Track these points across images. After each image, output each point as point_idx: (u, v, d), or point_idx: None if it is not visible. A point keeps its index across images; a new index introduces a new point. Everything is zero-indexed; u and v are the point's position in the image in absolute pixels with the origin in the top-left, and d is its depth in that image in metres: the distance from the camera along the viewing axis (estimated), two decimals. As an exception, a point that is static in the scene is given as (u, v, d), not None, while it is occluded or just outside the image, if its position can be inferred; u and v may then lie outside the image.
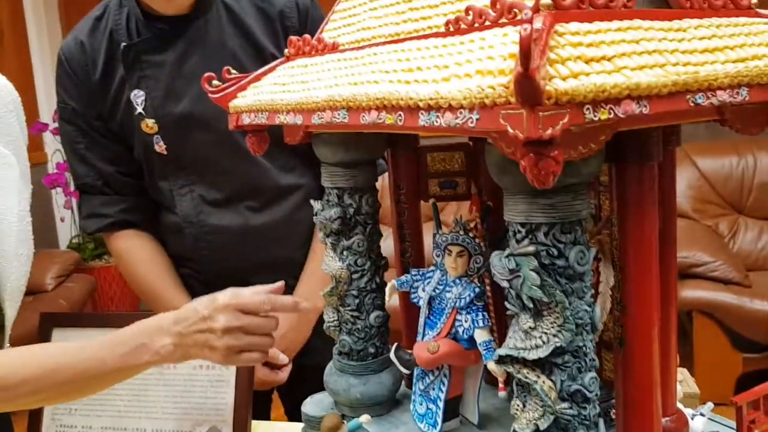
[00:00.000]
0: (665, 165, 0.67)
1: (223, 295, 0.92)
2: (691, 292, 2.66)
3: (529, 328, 0.57)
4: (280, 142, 0.85)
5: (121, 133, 1.31)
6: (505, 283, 0.58)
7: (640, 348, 0.65)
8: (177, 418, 1.09)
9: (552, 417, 0.58)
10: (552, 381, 0.58)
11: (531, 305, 0.57)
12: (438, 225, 0.80)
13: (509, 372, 0.60)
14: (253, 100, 0.83)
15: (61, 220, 4.04)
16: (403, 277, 0.81)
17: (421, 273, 0.80)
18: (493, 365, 0.68)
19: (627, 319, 0.65)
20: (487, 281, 0.77)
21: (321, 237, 0.86)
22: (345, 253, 0.83)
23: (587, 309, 0.58)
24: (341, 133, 0.80)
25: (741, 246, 3.09)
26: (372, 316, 0.84)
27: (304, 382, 1.34)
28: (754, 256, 3.06)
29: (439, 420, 0.77)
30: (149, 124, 1.27)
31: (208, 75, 0.89)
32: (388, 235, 0.87)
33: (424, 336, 0.77)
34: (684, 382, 1.24)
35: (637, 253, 0.63)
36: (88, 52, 1.29)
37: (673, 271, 0.74)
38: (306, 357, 1.35)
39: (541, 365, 0.58)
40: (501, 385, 0.73)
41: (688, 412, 0.79)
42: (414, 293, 0.80)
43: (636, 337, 0.65)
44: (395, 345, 0.82)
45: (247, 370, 1.08)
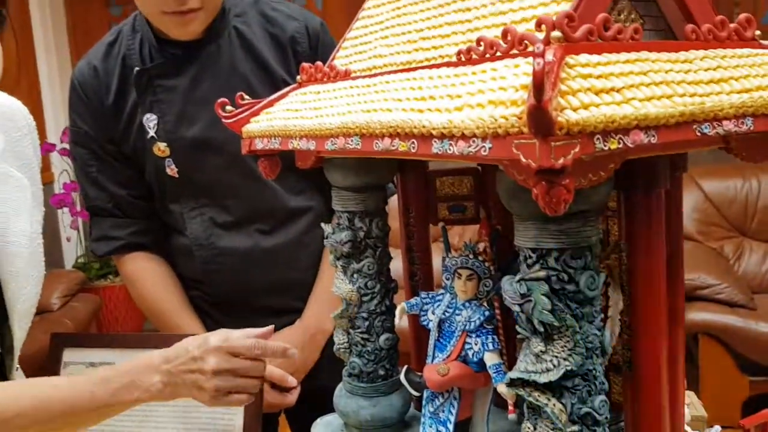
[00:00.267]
0: (672, 191, 0.69)
1: (215, 337, 0.94)
2: (697, 315, 2.66)
3: (540, 351, 0.58)
4: (290, 165, 0.87)
5: (133, 156, 1.33)
6: (516, 308, 0.59)
7: (649, 371, 0.66)
8: (186, 439, 1.10)
9: (562, 440, 0.59)
10: (562, 404, 0.59)
11: (542, 329, 0.58)
12: (447, 248, 0.81)
13: (520, 395, 0.61)
14: (266, 126, 0.85)
15: (67, 240, 4.06)
16: (412, 300, 0.82)
17: (430, 296, 0.81)
18: (504, 388, 0.69)
19: (636, 342, 0.66)
20: (496, 304, 0.78)
21: (331, 260, 0.87)
22: (355, 275, 0.85)
23: (597, 333, 0.59)
24: (352, 158, 0.81)
25: (746, 268, 3.10)
26: (382, 338, 0.85)
27: (312, 404, 1.33)
28: (759, 278, 3.07)
29: (448, 442, 0.78)
30: (161, 148, 1.28)
31: (221, 101, 0.91)
32: (396, 257, 0.89)
33: (433, 358, 0.78)
34: (691, 405, 1.24)
35: (645, 278, 0.64)
36: (101, 77, 1.31)
37: (680, 295, 0.75)
38: (314, 379, 1.36)
39: (552, 388, 0.59)
40: (510, 407, 0.74)
41: (696, 435, 0.80)
42: (423, 316, 0.81)
43: (644, 360, 0.66)
44: (405, 367, 0.83)
45: (257, 392, 1.09)
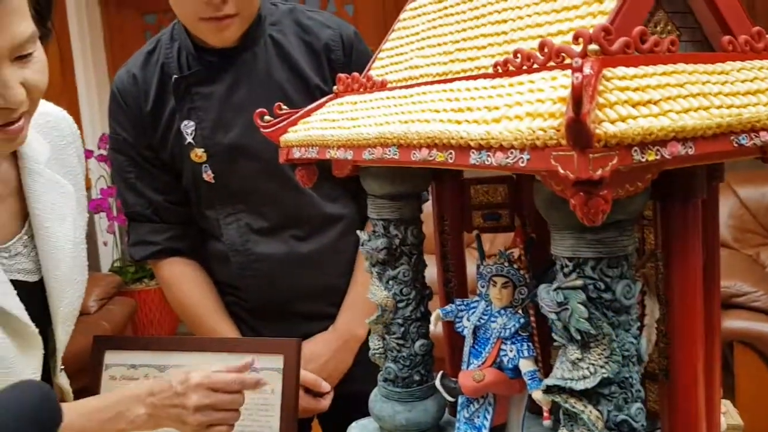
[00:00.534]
0: (709, 200, 0.69)
1: (197, 374, 1.01)
2: (732, 323, 2.62)
3: (577, 359, 0.59)
4: (326, 172, 0.89)
5: (171, 162, 1.36)
6: (553, 316, 0.59)
7: (685, 379, 0.66)
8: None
9: (599, 447, 0.60)
10: (599, 411, 0.59)
11: (578, 337, 0.58)
12: (482, 256, 0.82)
13: (556, 401, 0.61)
14: (304, 135, 0.86)
15: (104, 244, 4.14)
16: (447, 307, 0.84)
17: (465, 303, 0.82)
18: (539, 394, 0.69)
19: (672, 350, 0.66)
20: (531, 312, 0.78)
21: (367, 266, 0.88)
22: (391, 282, 0.86)
23: (633, 341, 0.60)
24: (388, 167, 0.82)
25: (782, 276, 3.05)
26: (417, 344, 0.86)
27: (345, 409, 1.35)
28: (795, 286, 3.01)
29: (483, 448, 0.79)
30: (198, 154, 1.31)
31: (260, 111, 0.93)
32: (431, 264, 0.90)
33: (469, 365, 0.79)
34: (727, 414, 1.23)
35: (682, 287, 0.64)
36: (140, 85, 1.34)
37: (716, 304, 0.75)
38: (347, 385, 1.37)
39: (588, 395, 0.59)
40: (546, 414, 0.74)
41: (733, 444, 0.80)
42: (459, 322, 0.82)
43: (681, 369, 0.66)
44: (440, 373, 0.84)
45: (293, 395, 1.11)
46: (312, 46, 1.34)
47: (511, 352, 0.75)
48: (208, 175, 1.32)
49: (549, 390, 0.61)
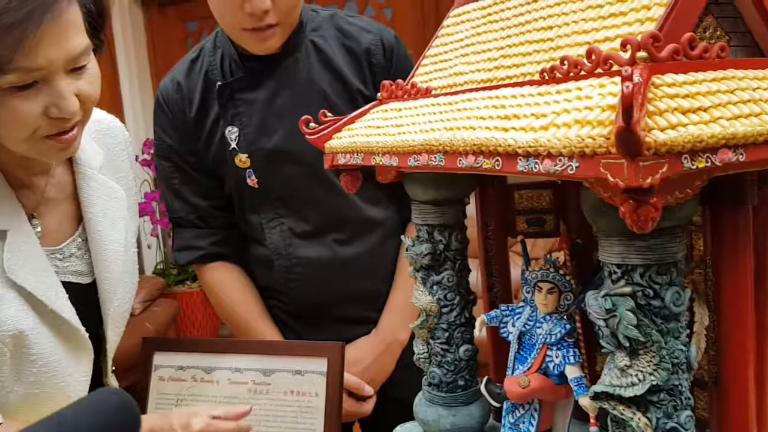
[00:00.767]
0: (760, 206, 0.68)
1: (198, 420, 1.03)
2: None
3: (625, 366, 0.59)
4: (367, 176, 0.90)
5: (214, 168, 1.38)
6: (601, 323, 0.59)
7: (735, 387, 0.66)
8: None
9: (648, 454, 0.60)
10: (648, 418, 0.59)
11: (627, 344, 0.58)
12: (527, 262, 0.82)
13: (604, 408, 0.61)
14: (349, 142, 0.87)
15: (147, 247, 4.22)
16: (492, 312, 0.84)
17: (510, 308, 0.82)
18: (586, 401, 0.69)
19: (722, 358, 0.65)
20: (577, 317, 0.78)
21: (411, 271, 0.89)
22: (435, 287, 0.86)
23: (683, 348, 0.60)
24: (432, 173, 0.83)
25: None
26: (461, 349, 0.86)
27: (386, 414, 1.36)
28: None
29: (528, 453, 0.79)
30: (242, 159, 1.33)
31: (305, 117, 0.94)
32: (473, 268, 0.90)
33: (514, 370, 0.79)
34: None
35: (732, 295, 0.64)
36: (184, 92, 1.37)
37: (767, 310, 0.74)
38: (389, 389, 1.38)
39: (637, 402, 0.59)
40: (592, 420, 0.74)
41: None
42: (503, 328, 0.82)
43: (731, 376, 0.65)
44: (485, 378, 0.84)
45: (337, 398, 1.12)
46: (353, 51, 1.35)
47: (557, 358, 0.75)
48: (252, 181, 1.34)
49: (597, 397, 0.61)
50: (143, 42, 4.40)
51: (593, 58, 0.57)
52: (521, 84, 0.67)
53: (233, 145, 1.33)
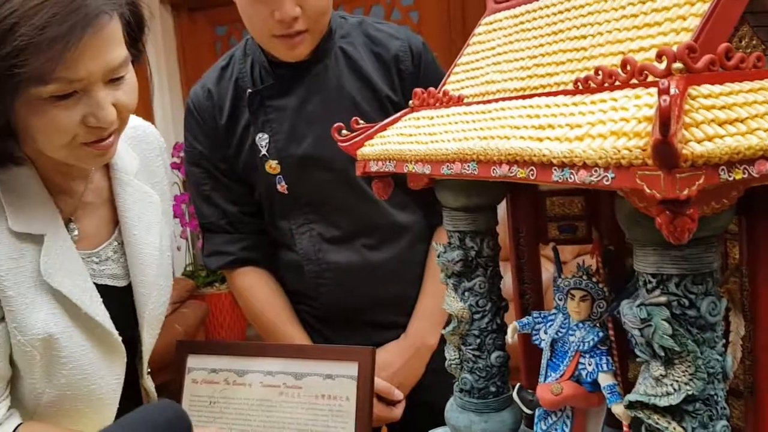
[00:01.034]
0: (796, 215, 0.68)
1: None
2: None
3: (660, 375, 0.59)
4: (396, 181, 0.90)
5: (244, 174, 1.40)
6: (636, 332, 0.60)
7: (771, 397, 0.65)
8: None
9: (683, 463, 0.60)
10: (683, 428, 0.59)
11: (662, 353, 0.58)
12: (559, 269, 0.82)
13: (638, 417, 0.61)
14: (381, 149, 0.88)
15: (177, 249, 4.27)
16: (524, 319, 0.84)
17: (542, 315, 0.83)
18: (619, 409, 0.70)
19: (758, 368, 0.65)
20: (610, 325, 0.78)
21: (442, 278, 0.90)
22: (466, 294, 0.87)
23: (718, 358, 0.60)
24: (464, 180, 0.84)
25: None
26: (493, 355, 0.87)
27: (415, 419, 1.37)
28: None
29: (561, 460, 0.79)
30: (272, 165, 1.35)
31: (337, 125, 0.95)
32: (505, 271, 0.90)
33: (546, 378, 0.79)
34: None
35: (767, 303, 0.63)
36: (215, 99, 1.38)
37: (803, 320, 0.73)
38: (419, 393, 1.39)
39: (672, 412, 0.59)
40: (625, 428, 0.74)
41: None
42: (536, 335, 0.82)
43: (767, 386, 0.65)
44: (518, 385, 0.84)
45: (368, 403, 1.13)
46: (381, 57, 1.36)
47: (589, 365, 0.75)
48: (282, 187, 1.35)
49: (632, 406, 0.61)
50: (173, 46, 4.46)
51: (628, 68, 0.58)
52: (555, 93, 0.67)
53: (263, 151, 1.35)
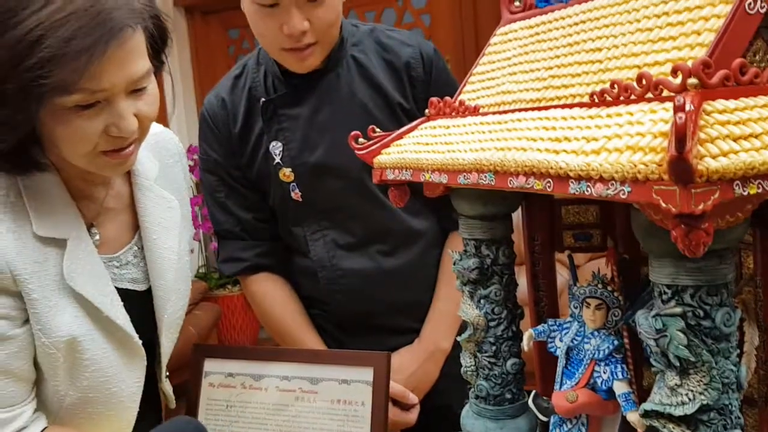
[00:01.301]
0: (810, 226, 0.68)
1: None
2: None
3: (675, 385, 0.60)
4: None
5: (258, 182, 1.41)
6: (651, 342, 0.61)
7: (785, 406, 0.66)
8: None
9: (698, 472, 0.60)
10: (698, 437, 0.60)
11: (677, 363, 0.59)
12: (575, 278, 0.83)
13: (653, 426, 0.62)
14: (398, 158, 0.89)
15: (190, 251, 4.28)
16: (540, 327, 0.85)
17: (558, 323, 0.84)
18: (634, 417, 0.70)
19: (772, 377, 0.66)
20: (625, 333, 0.79)
21: (458, 285, 0.91)
22: (482, 301, 0.88)
23: (733, 368, 0.60)
24: (480, 189, 0.85)
25: None
26: (509, 363, 0.88)
27: (431, 422, 1.38)
28: None
29: (576, 467, 0.80)
30: (286, 173, 1.36)
31: (354, 133, 0.96)
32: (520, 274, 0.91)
33: (561, 385, 0.80)
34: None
35: (782, 314, 0.64)
36: (228, 108, 1.39)
37: (817, 329, 0.74)
38: (433, 398, 1.40)
39: (687, 421, 0.60)
40: (640, 436, 0.75)
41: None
42: (551, 343, 0.83)
43: (781, 395, 0.66)
44: (533, 392, 0.85)
45: (383, 408, 1.14)
46: (393, 65, 1.37)
47: (605, 373, 0.76)
48: (296, 194, 1.37)
49: (647, 415, 0.62)
50: (187, 49, 4.49)
51: (644, 83, 0.59)
52: (571, 106, 0.68)
53: (277, 159, 1.36)
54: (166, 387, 1.18)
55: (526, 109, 0.75)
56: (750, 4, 0.59)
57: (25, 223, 0.95)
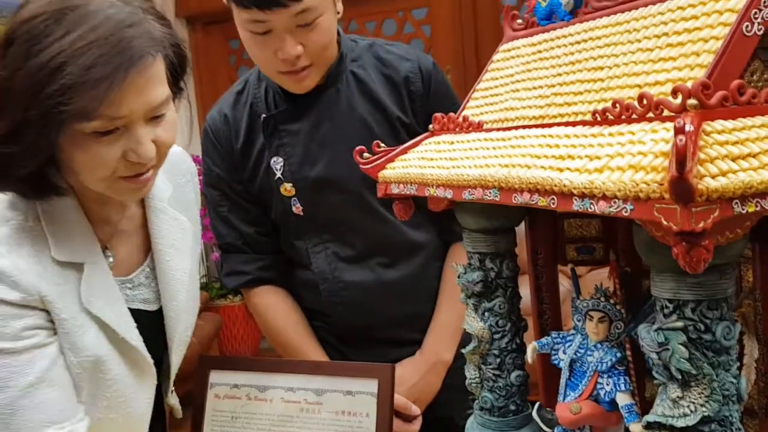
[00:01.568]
0: (807, 241, 0.70)
1: None
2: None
3: (677, 397, 0.61)
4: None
5: (260, 196, 1.42)
6: (653, 355, 0.62)
7: (785, 418, 0.67)
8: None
9: (699, 483, 0.62)
10: (699, 448, 0.61)
11: (679, 376, 0.61)
12: (577, 291, 0.85)
13: (656, 437, 0.64)
14: (402, 173, 0.91)
15: (194, 263, 4.29)
16: (543, 339, 0.86)
17: (561, 336, 0.85)
18: (637, 428, 0.72)
19: (771, 389, 0.67)
20: (627, 345, 0.81)
21: (462, 298, 0.92)
22: (486, 314, 0.89)
23: (733, 381, 0.62)
24: (484, 203, 0.86)
25: None
26: (513, 375, 0.89)
27: (433, 433, 1.39)
28: None
29: (579, 477, 0.81)
30: (287, 188, 1.37)
31: (359, 148, 0.98)
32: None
33: (565, 397, 0.81)
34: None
35: (781, 327, 0.66)
36: (231, 124, 1.41)
37: (816, 341, 0.75)
38: (435, 409, 1.41)
39: (689, 432, 0.62)
40: (643, 447, 0.76)
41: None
42: (555, 355, 0.84)
43: (781, 407, 0.67)
44: (537, 404, 0.87)
45: (387, 419, 1.15)
46: (392, 79, 1.39)
47: (608, 385, 0.77)
48: (297, 208, 1.38)
49: (650, 426, 0.63)
50: (188, 58, 4.50)
51: (645, 102, 0.60)
52: (574, 123, 0.70)
53: (278, 174, 1.38)
54: (172, 401, 1.19)
55: (530, 126, 0.77)
56: (747, 26, 0.60)
57: (43, 247, 0.95)
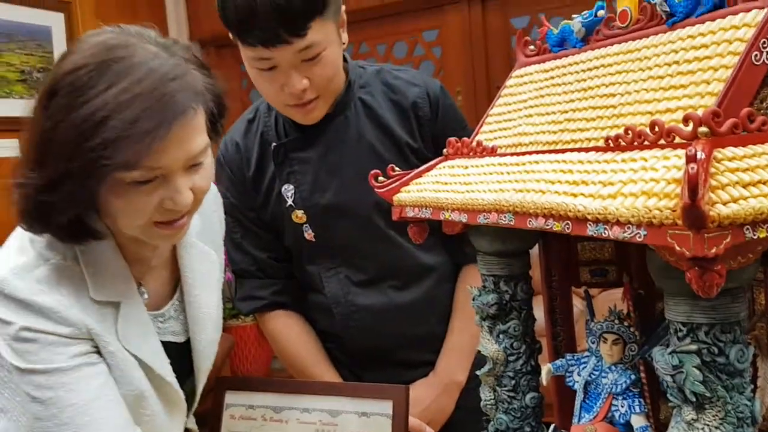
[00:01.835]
0: (819, 264, 0.71)
1: None
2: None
3: (692, 419, 0.62)
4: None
5: (272, 222, 1.44)
6: (668, 378, 0.63)
7: (800, 440, 0.68)
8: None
9: (715, 504, 0.62)
10: (715, 471, 0.62)
11: (693, 399, 0.62)
12: (591, 313, 0.86)
13: (671, 459, 0.64)
14: (417, 197, 0.92)
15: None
16: (558, 361, 0.87)
17: (575, 358, 0.86)
18: (652, 450, 0.72)
19: (786, 412, 0.68)
20: (641, 367, 0.81)
21: (477, 320, 0.93)
22: (501, 336, 0.90)
23: (747, 403, 0.63)
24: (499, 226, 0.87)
25: None
26: (528, 396, 0.90)
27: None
28: None
29: (595, 499, 0.82)
30: (299, 215, 1.39)
31: (374, 172, 0.99)
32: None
33: (580, 419, 0.82)
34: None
35: (794, 350, 0.66)
36: (242, 152, 1.43)
37: (829, 364, 0.76)
38: (449, 430, 1.41)
39: (704, 455, 0.62)
40: (658, 469, 0.77)
41: None
42: (569, 377, 0.85)
43: (795, 429, 0.68)
44: (552, 426, 0.87)
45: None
46: (400, 105, 1.40)
47: (622, 407, 0.78)
48: (309, 234, 1.40)
49: (665, 448, 0.64)
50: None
51: (657, 130, 0.62)
52: (587, 150, 0.71)
53: (290, 201, 1.39)
54: (191, 425, 1.20)
55: (543, 152, 0.78)
56: (756, 55, 0.62)
57: (82, 287, 0.96)
